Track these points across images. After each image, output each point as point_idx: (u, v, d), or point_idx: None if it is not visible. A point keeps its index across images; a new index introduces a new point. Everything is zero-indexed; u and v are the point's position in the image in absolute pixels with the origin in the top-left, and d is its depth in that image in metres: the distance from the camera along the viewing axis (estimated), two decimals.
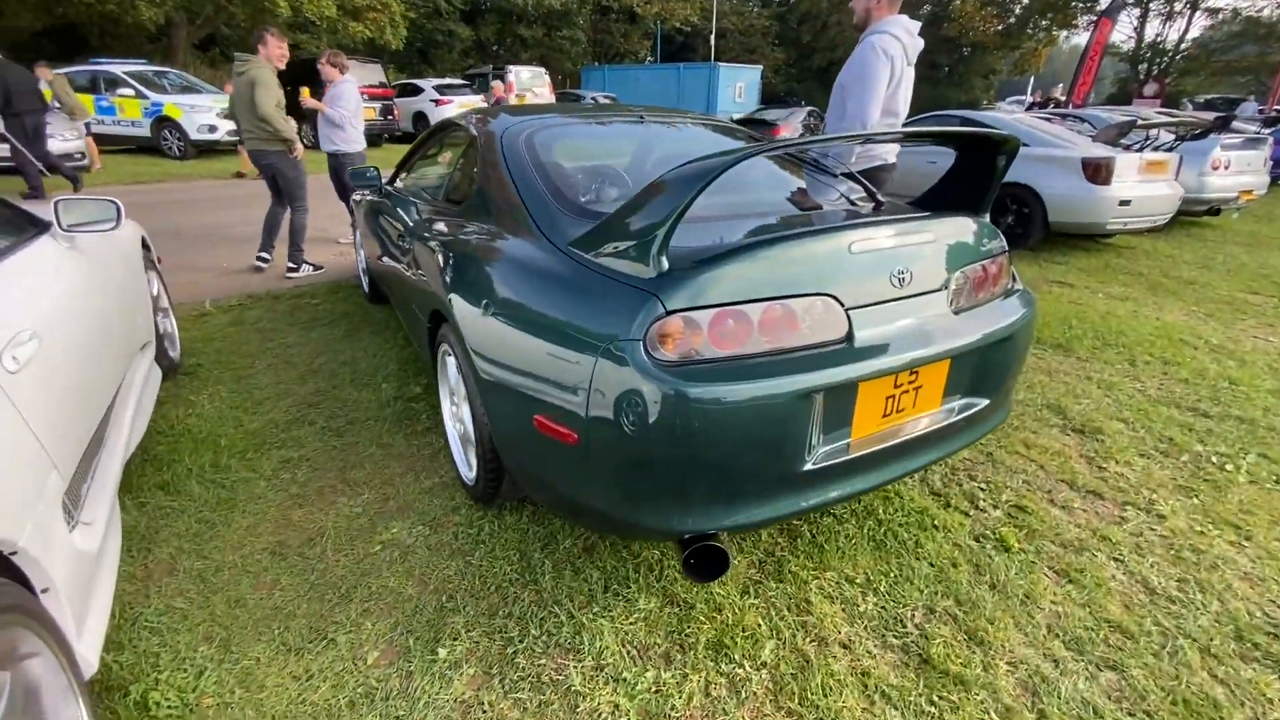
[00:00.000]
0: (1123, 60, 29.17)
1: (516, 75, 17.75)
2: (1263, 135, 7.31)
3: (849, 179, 2.38)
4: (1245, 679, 1.49)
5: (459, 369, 1.90)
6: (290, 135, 4.47)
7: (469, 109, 3.10)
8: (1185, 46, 27.87)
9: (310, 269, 4.86)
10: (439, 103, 15.13)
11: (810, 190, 2.32)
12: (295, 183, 4.65)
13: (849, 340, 1.47)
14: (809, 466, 1.44)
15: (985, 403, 1.75)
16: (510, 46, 27.61)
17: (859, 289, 1.50)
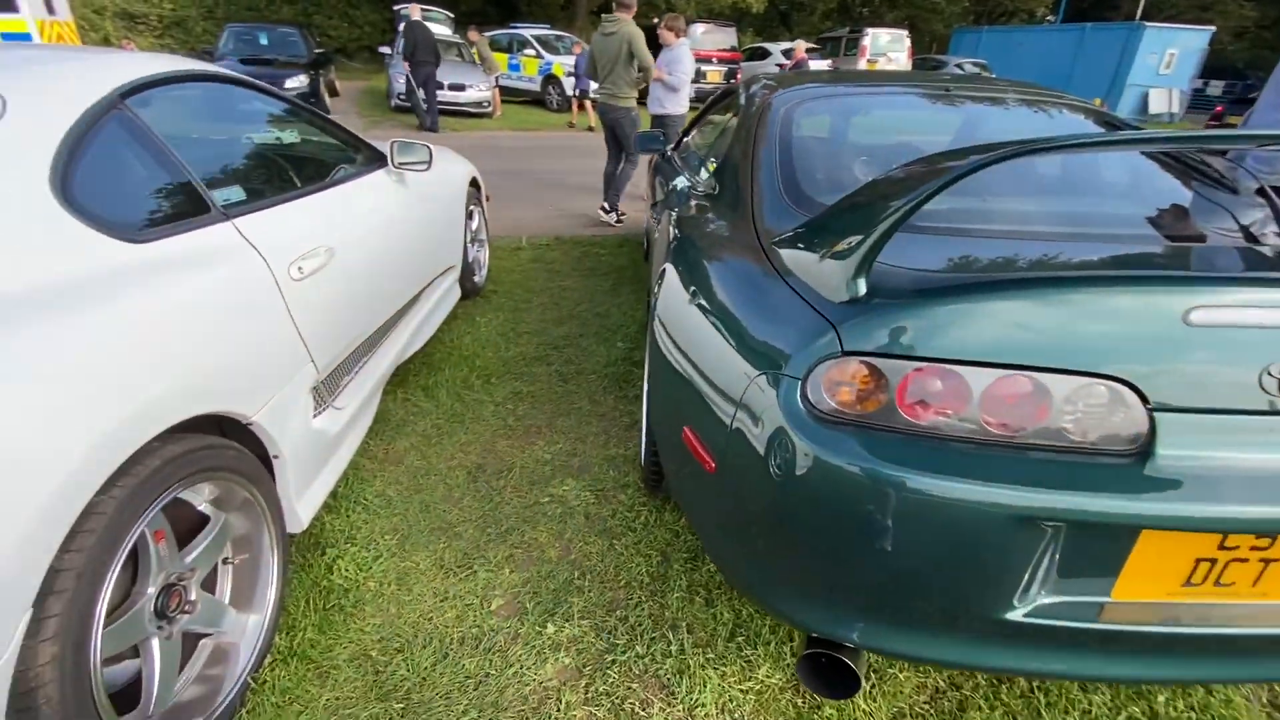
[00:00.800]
0: None
1: (873, 39, 16.47)
2: None
3: (1269, 203, 1.55)
4: None
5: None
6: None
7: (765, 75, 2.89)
8: None
9: (616, 217, 5.29)
10: (782, 66, 14.94)
11: (1196, 211, 1.59)
12: (631, 137, 5.05)
13: (1143, 457, 0.95)
14: (1014, 616, 0.99)
15: None
16: (876, 7, 25.66)
17: (1187, 382, 0.95)
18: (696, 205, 1.96)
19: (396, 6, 14.25)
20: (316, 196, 1.88)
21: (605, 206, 5.33)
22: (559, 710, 1.35)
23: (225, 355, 1.32)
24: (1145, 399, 0.94)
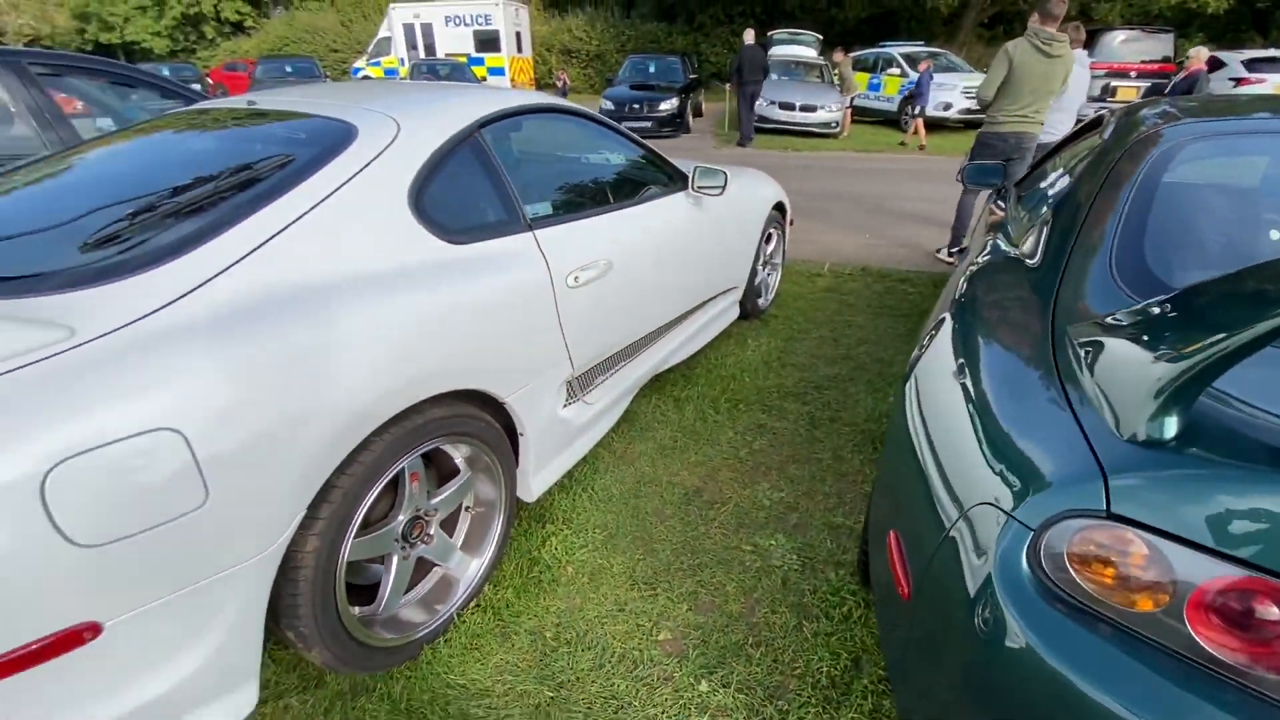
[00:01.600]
0: None
1: None
2: None
3: None
4: None
5: None
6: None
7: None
8: None
9: (950, 254, 4.71)
10: (1241, 82, 11.23)
11: None
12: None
13: None
14: None
15: None
16: None
17: None
18: (1001, 254, 1.60)
19: (769, 33, 14.99)
20: (611, 215, 2.10)
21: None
22: None
23: (495, 343, 1.57)
24: None
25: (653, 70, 13.10)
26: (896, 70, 12.74)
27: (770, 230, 3.48)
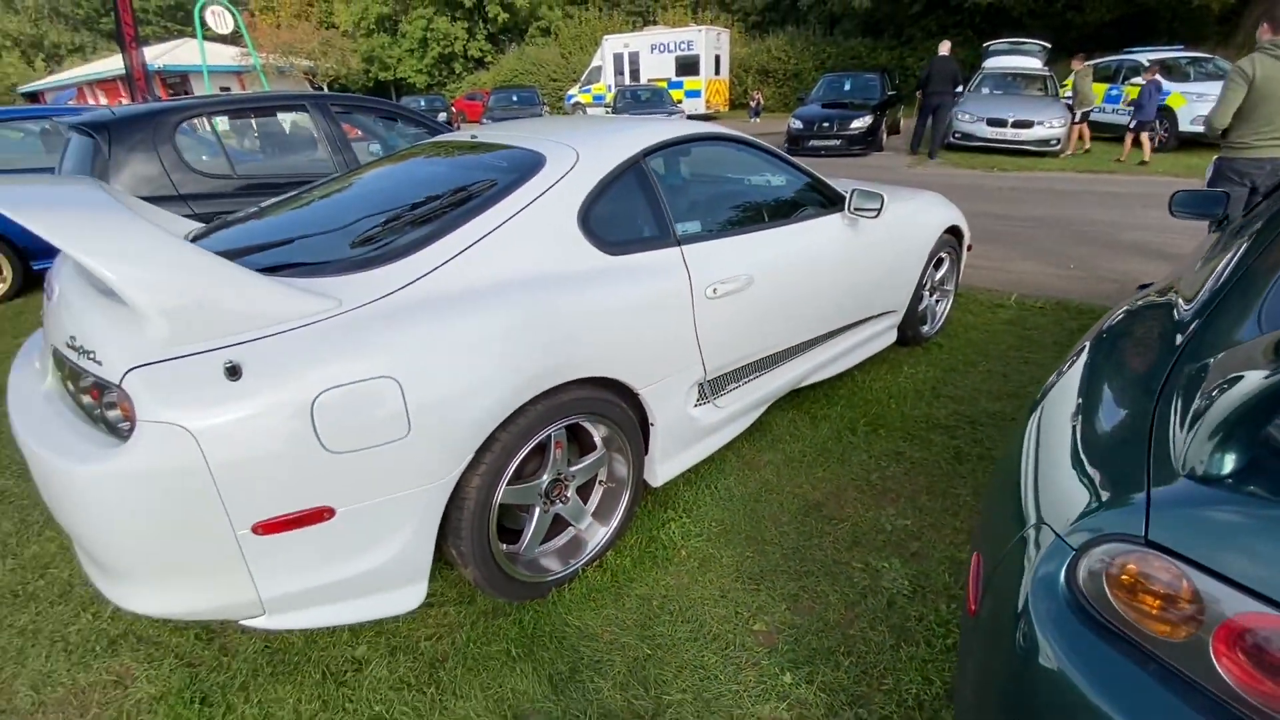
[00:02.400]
0: None
1: None
2: None
3: None
4: None
5: None
6: None
7: None
8: None
9: None
10: None
11: None
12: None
13: None
14: None
15: None
16: None
17: None
18: (1160, 290, 1.47)
19: (985, 44, 13.78)
20: (758, 234, 2.25)
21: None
22: None
23: (634, 339, 1.82)
24: None
25: (848, 88, 12.78)
26: (1140, 80, 10.98)
27: (942, 255, 3.34)
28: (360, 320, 1.37)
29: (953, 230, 3.34)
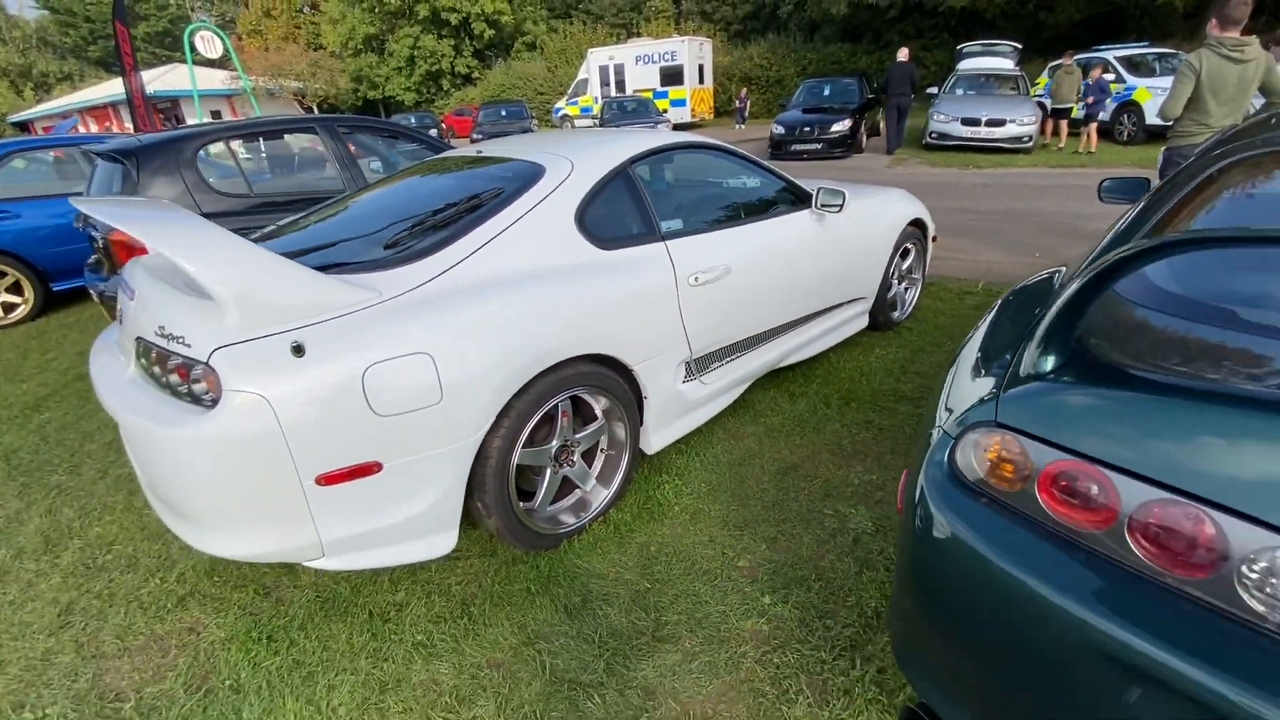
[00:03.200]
0: None
1: None
2: None
3: None
4: None
5: None
6: None
7: None
8: None
9: None
10: None
11: None
12: None
13: None
14: None
15: None
16: None
17: None
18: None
19: (959, 47, 14.23)
20: (734, 229, 2.54)
21: None
22: (735, 657, 1.67)
23: (627, 322, 2.10)
24: None
25: (827, 93, 13.18)
26: (1111, 76, 11.41)
27: (908, 246, 3.64)
28: (398, 308, 1.65)
29: (916, 223, 3.65)
